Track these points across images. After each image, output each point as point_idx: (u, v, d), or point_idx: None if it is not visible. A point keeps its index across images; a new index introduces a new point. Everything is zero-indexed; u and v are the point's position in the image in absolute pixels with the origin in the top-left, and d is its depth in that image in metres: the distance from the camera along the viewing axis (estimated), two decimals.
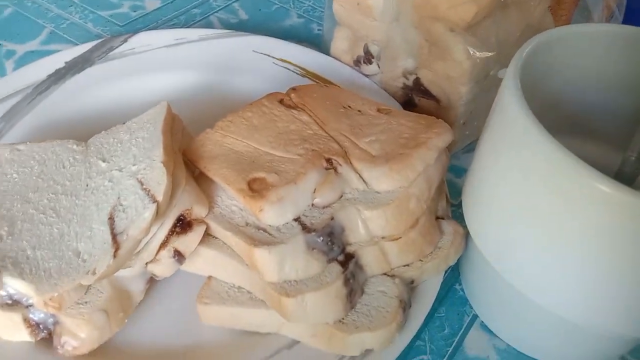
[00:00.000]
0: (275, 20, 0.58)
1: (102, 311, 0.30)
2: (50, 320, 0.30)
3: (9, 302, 0.30)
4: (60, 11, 0.56)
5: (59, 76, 0.45)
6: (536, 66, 0.30)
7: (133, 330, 0.32)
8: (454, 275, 0.37)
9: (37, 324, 0.30)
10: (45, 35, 0.53)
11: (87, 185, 0.33)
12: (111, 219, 0.30)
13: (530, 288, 0.29)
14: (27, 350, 0.31)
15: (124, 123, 0.36)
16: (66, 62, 0.46)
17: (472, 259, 0.35)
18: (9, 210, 0.32)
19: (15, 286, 0.29)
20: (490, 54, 0.36)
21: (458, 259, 0.35)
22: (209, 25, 0.56)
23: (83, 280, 0.29)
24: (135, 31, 0.50)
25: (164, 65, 0.48)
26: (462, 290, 0.37)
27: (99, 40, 0.48)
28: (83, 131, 0.38)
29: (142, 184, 0.31)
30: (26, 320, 0.30)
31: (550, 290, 0.28)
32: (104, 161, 0.34)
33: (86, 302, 0.31)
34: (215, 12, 0.58)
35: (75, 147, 0.36)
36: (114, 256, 0.29)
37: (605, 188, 0.23)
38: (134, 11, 0.57)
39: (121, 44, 0.48)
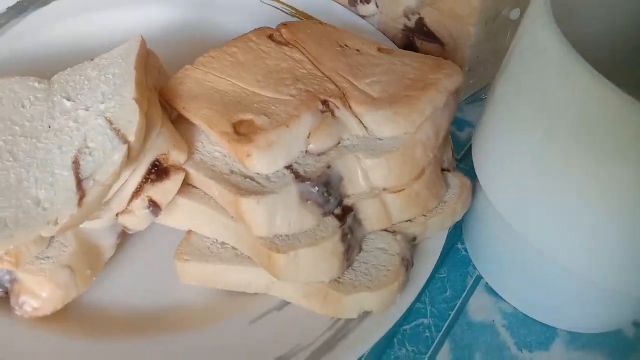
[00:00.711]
0: None
1: (66, 267, 0.27)
2: (7, 277, 0.27)
3: None
4: None
5: (21, 9, 0.41)
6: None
7: (102, 290, 0.29)
8: (456, 234, 0.34)
9: None
10: None
11: (49, 127, 0.29)
12: (76, 163, 0.26)
13: (544, 241, 0.26)
14: None
15: (92, 59, 0.32)
16: None
17: (478, 215, 0.32)
18: None
19: None
20: None
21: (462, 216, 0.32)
22: None
23: (43, 231, 0.25)
24: None
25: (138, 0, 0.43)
26: (465, 250, 0.34)
27: None
28: (46, 69, 0.34)
29: (111, 124, 0.27)
30: None
31: (564, 243, 0.25)
32: (69, 100, 0.30)
33: (48, 258, 0.27)
34: None
35: (37, 85, 0.31)
36: (79, 205, 0.25)
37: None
38: None
39: None
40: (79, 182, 0.26)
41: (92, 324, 0.28)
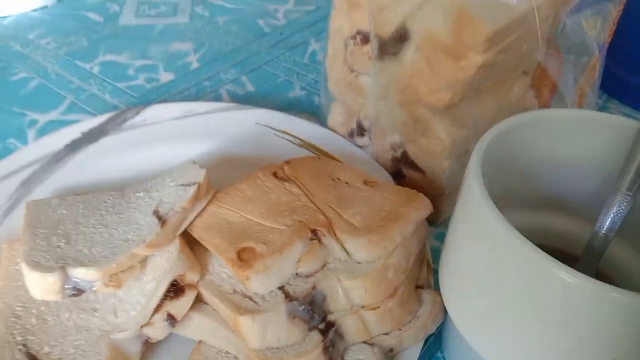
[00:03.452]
0: (279, 92, 0.62)
1: None
2: None
3: (75, 292, 0.34)
4: (81, 83, 0.61)
5: (74, 146, 0.49)
6: (506, 146, 0.32)
7: None
8: (436, 344, 0.39)
9: None
10: (65, 106, 0.58)
11: (129, 204, 0.39)
12: (156, 211, 0.37)
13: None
14: None
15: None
16: (82, 133, 0.50)
17: (452, 329, 0.36)
18: (63, 230, 0.37)
19: (80, 275, 0.33)
20: (467, 132, 0.39)
21: (440, 328, 0.37)
22: (219, 97, 0.60)
23: (136, 249, 0.34)
24: (148, 103, 0.54)
25: (173, 136, 0.51)
26: (444, 358, 0.38)
27: (114, 113, 0.52)
28: None
29: (182, 185, 0.38)
30: None
31: None
32: (142, 191, 0.40)
33: None
34: (225, 84, 0.62)
35: (112, 192, 0.41)
36: (161, 227, 0.35)
37: (564, 275, 0.24)
38: (149, 83, 0.62)
39: (134, 116, 0.52)
40: (160, 217, 0.36)
41: None
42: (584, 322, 0.25)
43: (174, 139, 0.51)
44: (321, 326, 0.33)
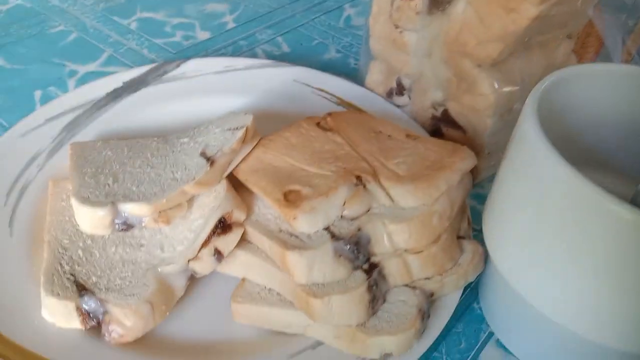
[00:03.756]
0: (315, 54, 0.62)
1: (147, 303, 0.33)
2: (100, 310, 0.33)
3: (124, 227, 0.35)
4: (119, 37, 0.62)
5: (116, 95, 0.50)
6: (554, 100, 0.32)
7: (172, 323, 0.35)
8: (472, 295, 0.39)
9: (88, 313, 0.33)
10: (104, 58, 0.59)
11: (173, 149, 0.40)
12: (203, 153, 0.38)
13: (548, 307, 0.30)
14: (78, 337, 0.34)
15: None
16: (124, 82, 0.51)
17: (490, 278, 0.37)
18: (110, 170, 0.38)
19: (130, 210, 0.35)
20: (514, 88, 0.39)
21: (477, 279, 0.37)
22: (255, 56, 0.61)
23: (186, 187, 0.35)
24: (187, 58, 0.55)
25: (212, 90, 0.52)
26: (480, 309, 0.39)
27: (155, 64, 0.53)
28: None
29: (229, 129, 0.38)
30: (78, 309, 0.33)
31: (567, 309, 0.29)
32: (186, 138, 0.41)
33: (133, 295, 0.34)
34: (260, 44, 0.62)
35: (155, 138, 0.42)
36: (210, 166, 0.36)
37: (618, 209, 0.25)
38: (186, 40, 0.62)
39: (174, 69, 0.52)
40: (208, 158, 0.37)
41: (161, 350, 0.34)
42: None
43: (213, 93, 0.51)
44: (365, 266, 0.33)
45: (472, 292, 0.39)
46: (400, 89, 0.49)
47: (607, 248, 0.26)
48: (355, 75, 0.56)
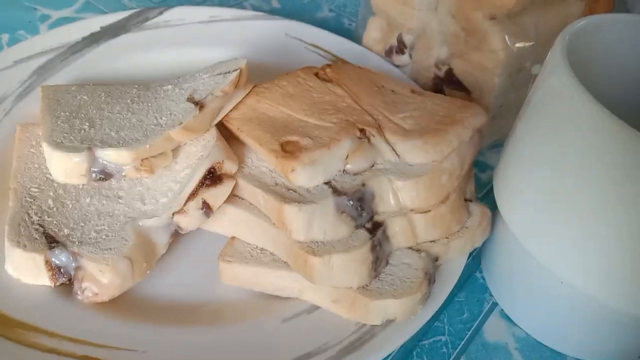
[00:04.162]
0: (307, 11, 0.58)
1: (126, 258, 0.30)
2: (72, 264, 0.30)
3: (102, 176, 0.31)
4: None
5: (93, 39, 0.46)
6: (578, 50, 0.30)
7: (153, 283, 0.32)
8: (474, 263, 0.37)
9: (58, 268, 0.30)
10: (79, 4, 0.54)
11: (156, 95, 0.36)
12: (190, 98, 0.34)
13: (560, 267, 0.29)
14: (46, 295, 0.30)
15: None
16: (102, 27, 0.47)
17: (497, 245, 0.35)
18: (86, 114, 0.34)
19: (109, 156, 0.31)
20: (527, 44, 0.37)
21: (480, 246, 0.35)
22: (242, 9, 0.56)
23: (172, 132, 0.32)
24: (171, 5, 0.51)
25: (197, 40, 0.48)
26: (483, 278, 0.36)
27: (136, 10, 0.48)
28: None
29: (220, 74, 0.35)
30: (48, 262, 0.30)
31: (581, 269, 0.28)
32: (170, 85, 0.37)
33: (111, 249, 0.30)
34: None
35: (136, 85, 0.38)
36: (199, 110, 0.33)
37: None
38: None
39: (157, 16, 0.48)
40: (197, 102, 0.33)
41: (140, 312, 0.31)
42: None
43: (198, 43, 0.48)
44: (368, 225, 0.31)
45: (474, 260, 0.37)
46: (401, 47, 0.46)
47: (631, 202, 0.24)
48: (350, 36, 0.53)
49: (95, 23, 0.47)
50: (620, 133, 0.23)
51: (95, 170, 0.31)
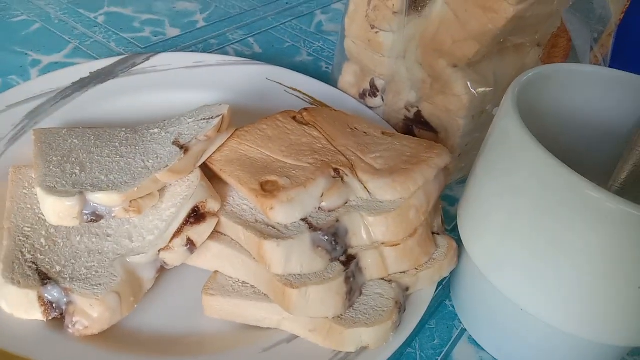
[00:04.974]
0: (287, 56, 0.62)
1: (115, 293, 0.32)
2: (64, 300, 0.32)
3: (93, 217, 0.33)
4: (85, 30, 0.60)
5: (82, 84, 0.48)
6: (531, 98, 0.33)
7: (140, 316, 0.34)
8: (444, 292, 0.39)
9: (51, 303, 0.32)
10: (69, 50, 0.57)
11: (143, 139, 0.38)
12: (176, 142, 0.37)
13: (523, 299, 0.31)
14: (39, 329, 0.32)
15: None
16: (91, 73, 0.49)
17: (463, 274, 0.37)
18: (77, 158, 0.36)
19: (100, 199, 0.33)
20: (488, 89, 0.40)
21: (449, 276, 0.37)
22: (226, 55, 0.60)
23: (158, 174, 0.34)
24: (157, 52, 0.54)
25: (183, 85, 0.51)
26: (452, 306, 0.39)
27: (123, 56, 0.51)
28: None
29: (203, 119, 0.38)
30: (40, 298, 0.31)
31: (542, 301, 0.30)
32: (157, 128, 0.39)
33: (100, 285, 0.32)
34: (232, 44, 0.62)
35: (124, 128, 0.41)
36: (184, 154, 0.35)
37: (595, 195, 0.25)
38: (155, 36, 0.61)
39: (144, 61, 0.51)
40: (182, 146, 0.36)
41: (128, 344, 0.32)
42: (617, 244, 0.26)
43: (183, 87, 0.50)
44: (342, 258, 0.33)
45: (444, 289, 0.39)
46: (374, 91, 0.49)
47: (586, 238, 0.27)
48: (327, 80, 0.56)
49: (85, 69, 0.49)
50: (562, 175, 0.26)
51: (87, 212, 0.33)
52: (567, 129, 0.36)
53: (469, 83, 0.40)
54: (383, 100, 0.49)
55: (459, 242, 0.36)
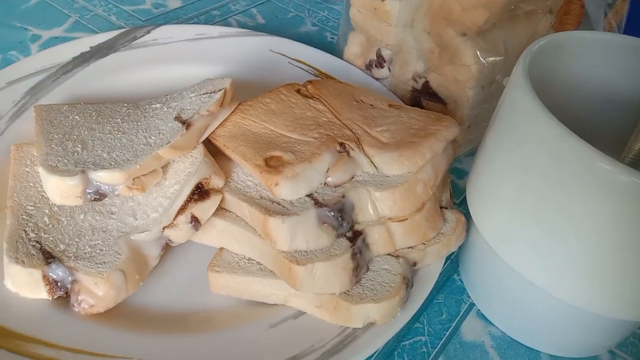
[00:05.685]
0: (290, 26, 0.60)
1: (120, 271, 0.31)
2: (69, 278, 0.32)
3: (97, 196, 0.33)
4: (85, 3, 0.59)
5: (83, 59, 0.47)
6: (543, 66, 0.32)
7: (146, 294, 0.33)
8: (452, 267, 0.39)
9: (56, 282, 0.31)
10: (69, 24, 0.56)
11: (145, 114, 0.38)
12: (178, 117, 0.36)
13: (529, 270, 0.30)
14: (44, 308, 0.32)
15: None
16: (91, 47, 0.48)
17: (472, 249, 0.36)
18: (78, 135, 0.36)
19: (102, 178, 0.32)
20: (498, 58, 0.39)
21: (457, 250, 0.37)
22: (228, 26, 0.58)
23: (160, 151, 0.33)
24: (158, 24, 0.53)
25: (185, 58, 0.50)
26: (461, 280, 0.38)
27: (124, 29, 0.50)
28: None
29: (205, 93, 0.37)
30: (45, 277, 0.31)
31: (549, 272, 0.29)
32: (159, 103, 0.39)
33: (105, 263, 0.32)
34: (234, 14, 0.61)
35: (125, 104, 0.40)
36: (186, 129, 0.34)
37: (607, 166, 0.24)
38: (156, 8, 0.60)
39: (145, 35, 0.50)
40: (184, 121, 0.35)
41: (134, 321, 0.32)
42: (629, 217, 0.25)
43: (185, 60, 0.50)
44: (349, 234, 0.32)
45: (452, 263, 0.39)
46: (380, 61, 0.48)
47: (597, 211, 0.26)
48: (332, 50, 0.55)
49: (85, 43, 0.48)
50: (573, 146, 0.25)
51: (90, 191, 0.33)
52: (580, 99, 0.35)
53: (478, 52, 0.39)
54: (390, 71, 0.47)
55: (467, 216, 0.35)
